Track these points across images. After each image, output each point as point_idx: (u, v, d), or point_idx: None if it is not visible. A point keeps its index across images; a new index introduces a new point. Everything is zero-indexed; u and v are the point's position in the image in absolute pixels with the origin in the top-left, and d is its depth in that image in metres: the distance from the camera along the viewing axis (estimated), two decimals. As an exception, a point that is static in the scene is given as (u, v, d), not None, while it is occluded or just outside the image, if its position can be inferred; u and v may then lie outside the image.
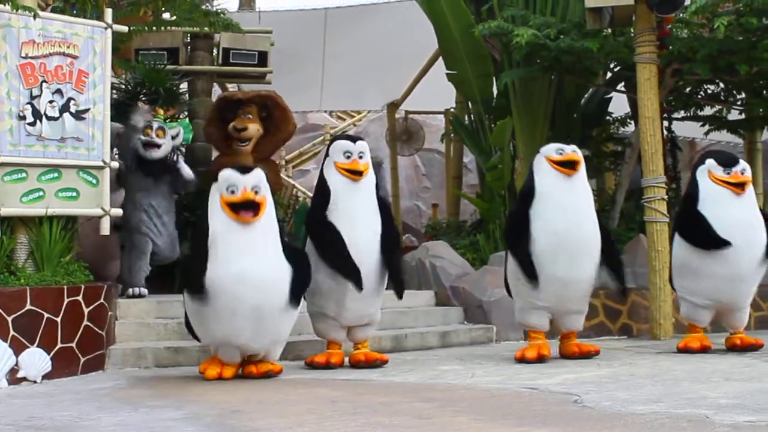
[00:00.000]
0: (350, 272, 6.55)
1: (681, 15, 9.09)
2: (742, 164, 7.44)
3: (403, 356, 7.54)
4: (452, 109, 13.00)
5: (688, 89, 11.00)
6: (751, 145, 13.02)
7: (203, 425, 4.49)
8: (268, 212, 6.25)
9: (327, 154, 6.98)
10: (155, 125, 8.50)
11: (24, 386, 6.19)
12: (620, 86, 11.17)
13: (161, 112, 8.80)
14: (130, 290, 8.27)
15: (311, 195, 9.61)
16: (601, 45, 9.33)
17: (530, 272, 6.84)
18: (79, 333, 6.66)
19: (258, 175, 6.30)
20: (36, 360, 6.34)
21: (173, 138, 8.65)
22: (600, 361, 6.98)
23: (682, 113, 11.86)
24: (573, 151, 7.04)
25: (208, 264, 5.99)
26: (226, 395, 5.54)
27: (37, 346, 6.38)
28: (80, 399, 5.54)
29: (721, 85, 11.04)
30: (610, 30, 9.78)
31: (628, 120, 11.86)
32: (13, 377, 6.19)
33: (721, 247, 7.18)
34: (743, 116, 12.10)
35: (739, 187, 7.31)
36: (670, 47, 9.18)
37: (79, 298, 6.69)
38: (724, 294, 7.34)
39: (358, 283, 6.54)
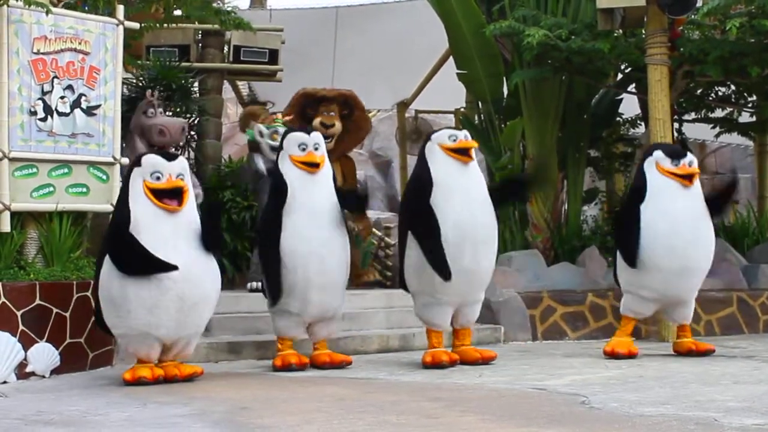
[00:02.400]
0: (274, 287, 6.55)
1: (693, 16, 9.06)
2: (690, 156, 7.35)
3: (411, 355, 7.53)
4: (462, 109, 12.97)
5: (699, 91, 10.97)
6: (762, 147, 12.97)
7: (211, 422, 4.50)
8: (191, 201, 6.13)
9: (281, 148, 6.87)
10: (280, 131, 8.70)
11: (32, 381, 6.21)
12: (631, 87, 11.13)
13: (279, 116, 9.03)
14: (252, 284, 8.68)
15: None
16: (612, 46, 9.30)
17: (443, 266, 6.58)
18: (88, 328, 6.68)
19: (182, 163, 6.18)
20: (45, 355, 6.36)
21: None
22: (608, 363, 6.96)
23: (692, 115, 11.83)
24: (466, 137, 6.86)
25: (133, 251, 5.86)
26: (234, 392, 5.55)
27: (46, 341, 6.41)
28: (88, 394, 5.56)
29: (733, 87, 11.01)
30: (621, 31, 9.75)
31: (639, 121, 11.82)
32: (22, 372, 6.22)
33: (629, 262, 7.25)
34: (754, 119, 12.06)
35: (687, 179, 7.23)
36: (682, 49, 9.15)
37: (89, 293, 6.70)
38: (673, 288, 7.26)
39: (274, 297, 6.57)
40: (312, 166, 6.68)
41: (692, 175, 7.27)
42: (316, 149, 6.74)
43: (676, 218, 7.16)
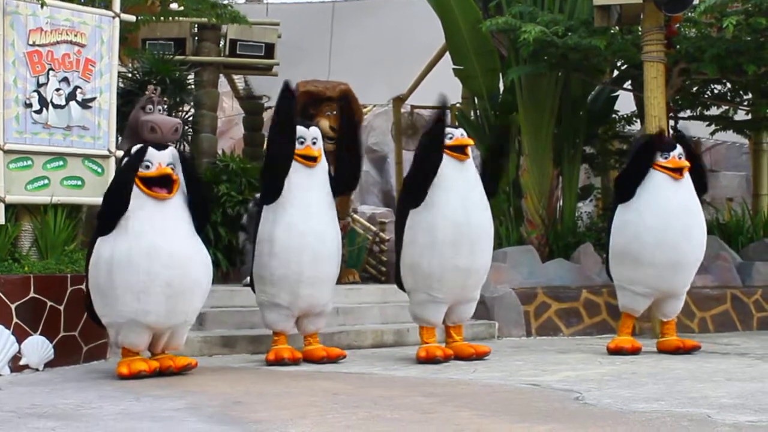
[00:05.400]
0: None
1: (689, 14, 9.07)
2: (679, 149, 7.35)
3: (405, 350, 7.54)
4: (458, 105, 12.98)
5: (694, 89, 10.98)
6: (757, 145, 13.03)
7: (205, 416, 4.50)
8: (182, 190, 6.11)
9: None
10: None
11: (26, 374, 6.20)
12: (627, 84, 11.15)
13: None
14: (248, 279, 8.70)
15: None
16: (608, 43, 9.31)
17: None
18: (82, 321, 6.66)
19: (173, 153, 6.17)
20: (38, 348, 6.35)
21: None
22: (602, 359, 6.97)
23: (688, 112, 11.85)
24: (462, 135, 6.86)
25: (118, 238, 5.84)
26: (228, 386, 5.55)
27: (40, 334, 6.39)
28: (82, 387, 5.55)
29: (728, 85, 11.02)
30: (617, 28, 9.76)
31: (635, 118, 11.84)
32: (16, 365, 6.20)
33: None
34: (750, 117, 12.08)
35: (677, 172, 7.24)
36: (678, 46, 9.16)
37: (83, 286, 6.68)
38: (665, 282, 7.26)
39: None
40: (309, 160, 6.66)
41: (682, 168, 7.27)
42: (314, 143, 6.73)
43: (667, 210, 7.16)
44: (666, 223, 7.15)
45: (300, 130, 6.75)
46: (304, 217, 6.54)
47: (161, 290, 5.83)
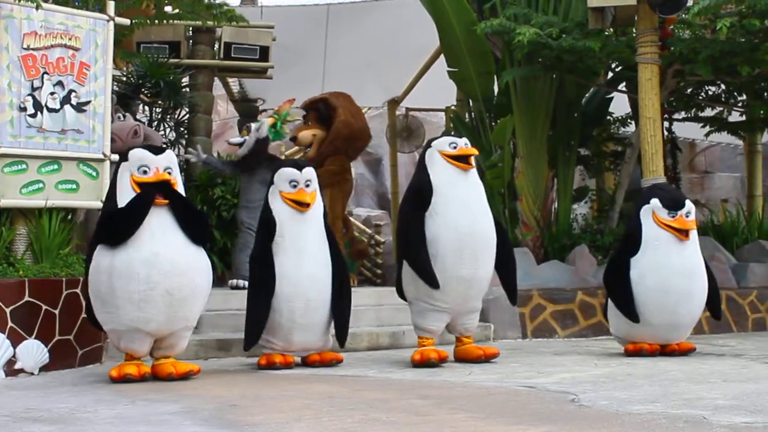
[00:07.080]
0: (252, 331, 6.48)
1: (683, 16, 9.09)
2: (688, 206, 7.15)
3: (401, 353, 7.54)
4: (453, 107, 12.99)
5: (689, 90, 11.01)
6: (751, 147, 13.07)
7: (200, 419, 4.49)
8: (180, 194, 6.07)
9: (272, 182, 6.70)
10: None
11: (21, 378, 6.19)
12: (621, 86, 11.17)
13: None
14: (233, 282, 8.88)
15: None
16: (602, 45, 9.33)
17: (431, 279, 6.54)
18: (77, 325, 6.66)
19: (170, 156, 6.08)
20: (34, 352, 6.34)
21: (257, 131, 9.02)
22: (597, 361, 6.97)
23: (682, 114, 11.87)
24: (466, 145, 6.83)
25: (117, 245, 5.78)
26: (223, 389, 5.54)
27: (35, 338, 6.39)
28: (77, 391, 5.54)
29: (723, 86, 11.05)
30: (612, 30, 9.78)
31: (629, 120, 11.86)
32: (11, 369, 6.20)
33: (631, 319, 7.12)
34: (744, 118, 12.12)
35: (683, 233, 7.04)
36: (672, 48, 9.18)
37: (78, 290, 6.69)
38: (661, 338, 7.19)
39: (248, 342, 6.51)
40: (302, 206, 6.55)
41: (688, 230, 7.08)
42: (308, 186, 6.60)
43: (669, 273, 7.01)
44: (667, 284, 7.00)
45: (293, 173, 6.62)
46: (296, 264, 6.47)
47: (161, 298, 5.81)
